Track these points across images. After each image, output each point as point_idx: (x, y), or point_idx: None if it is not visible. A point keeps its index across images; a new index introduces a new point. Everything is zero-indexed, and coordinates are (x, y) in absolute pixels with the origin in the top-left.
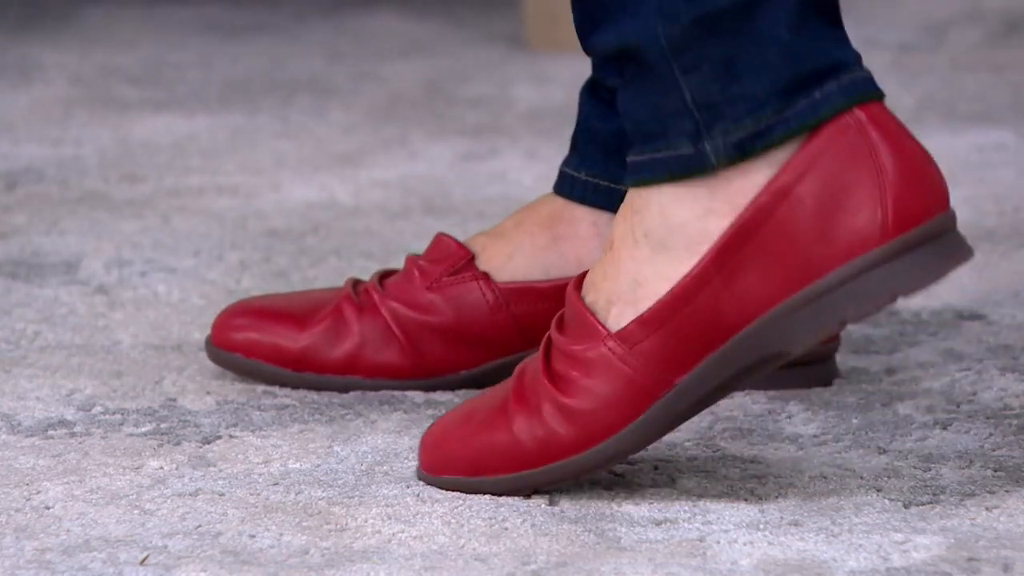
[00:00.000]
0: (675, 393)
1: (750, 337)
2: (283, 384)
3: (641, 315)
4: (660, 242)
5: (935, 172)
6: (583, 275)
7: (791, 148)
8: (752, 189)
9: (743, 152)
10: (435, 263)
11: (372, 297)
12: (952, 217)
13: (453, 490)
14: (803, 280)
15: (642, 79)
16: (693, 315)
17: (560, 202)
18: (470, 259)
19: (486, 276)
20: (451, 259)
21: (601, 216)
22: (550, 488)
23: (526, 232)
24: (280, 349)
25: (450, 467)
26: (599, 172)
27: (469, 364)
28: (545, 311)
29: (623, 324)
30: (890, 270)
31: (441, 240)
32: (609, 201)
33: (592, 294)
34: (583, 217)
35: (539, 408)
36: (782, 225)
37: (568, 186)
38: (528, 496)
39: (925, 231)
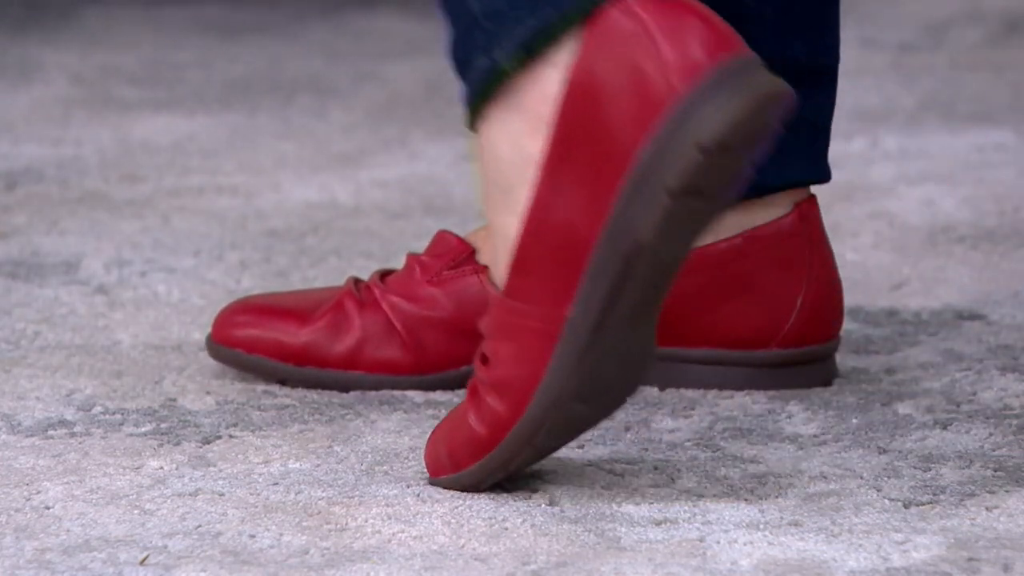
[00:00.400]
0: (570, 326)
1: (603, 243)
2: (284, 380)
3: (511, 264)
4: (502, 185)
5: (702, 19)
6: None
7: (574, 47)
8: (552, 97)
9: (529, 51)
10: (436, 258)
11: (373, 292)
12: (746, 57)
13: (449, 488)
14: (623, 166)
15: (441, 6)
16: (550, 243)
17: None
18: (470, 253)
19: (487, 269)
20: (451, 253)
21: None
22: (516, 468)
23: None
24: (282, 344)
25: (440, 468)
26: None
27: (470, 358)
28: None
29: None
30: (684, 119)
31: (442, 236)
32: None
33: (491, 266)
34: None
35: (480, 393)
36: (590, 123)
37: None
38: (530, 496)
39: (720, 72)
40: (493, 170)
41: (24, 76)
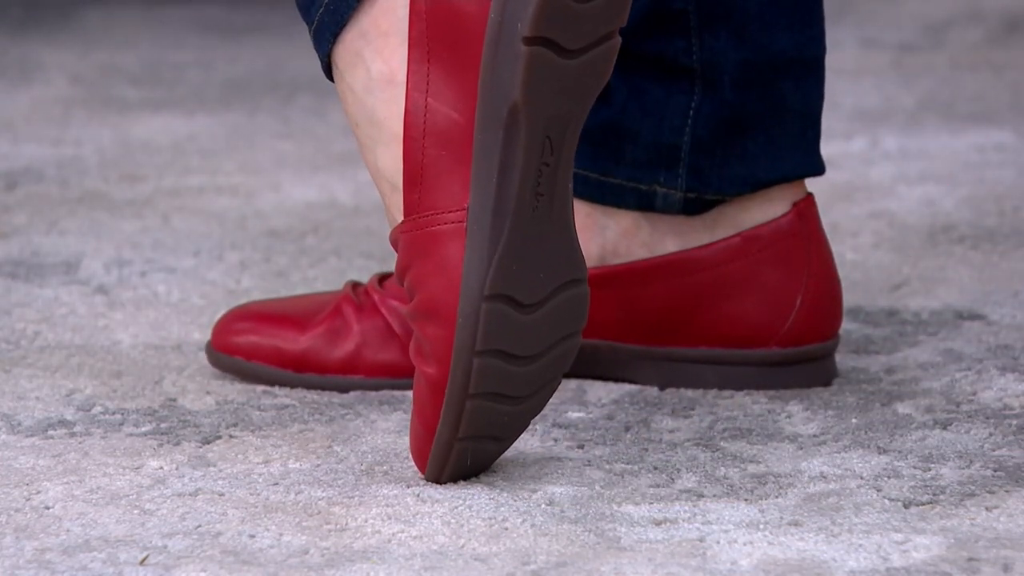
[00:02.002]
0: (471, 214)
1: (480, 120)
2: (284, 386)
3: (403, 184)
4: (368, 116)
5: None
6: None
7: None
8: (392, 9)
9: None
10: None
11: (372, 297)
12: None
13: (437, 471)
14: (479, 35)
15: None
16: (434, 142)
17: None
18: None
19: None
20: None
21: (594, 208)
22: (476, 389)
23: None
24: (281, 351)
25: (420, 448)
26: (587, 165)
27: None
28: None
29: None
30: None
31: None
32: (599, 193)
33: (389, 221)
34: (576, 209)
35: (417, 340)
36: (440, 11)
37: None
38: (530, 496)
39: None
40: (357, 108)
41: (24, 76)
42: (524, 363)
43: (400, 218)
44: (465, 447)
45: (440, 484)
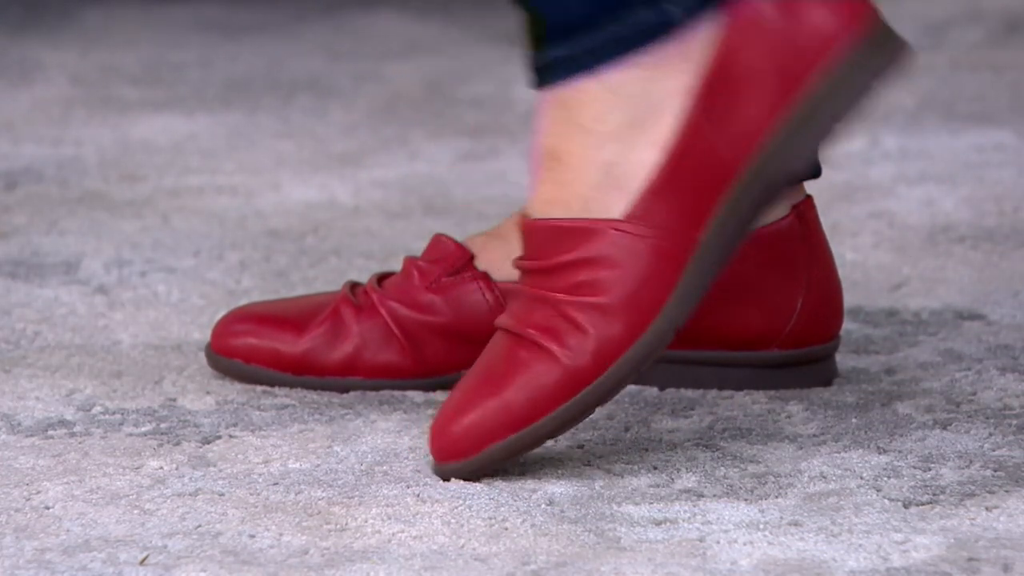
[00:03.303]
0: (702, 248)
1: (754, 169)
2: (284, 387)
3: (644, 188)
4: (620, 120)
5: None
6: (524, 214)
7: None
8: (702, 36)
9: (704, 4)
10: (434, 263)
11: (371, 297)
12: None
13: (498, 459)
14: (786, 96)
15: None
16: (694, 167)
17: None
18: (469, 259)
19: (485, 276)
20: (450, 259)
21: None
22: (609, 398)
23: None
24: (280, 354)
25: (488, 436)
26: None
27: (469, 364)
28: None
29: (621, 208)
30: (860, 59)
31: (440, 240)
32: None
33: (556, 210)
34: None
35: (573, 325)
36: (751, 54)
37: None
38: (530, 496)
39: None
40: (609, 107)
41: (24, 76)
42: None
43: (558, 196)
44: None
45: (472, 474)
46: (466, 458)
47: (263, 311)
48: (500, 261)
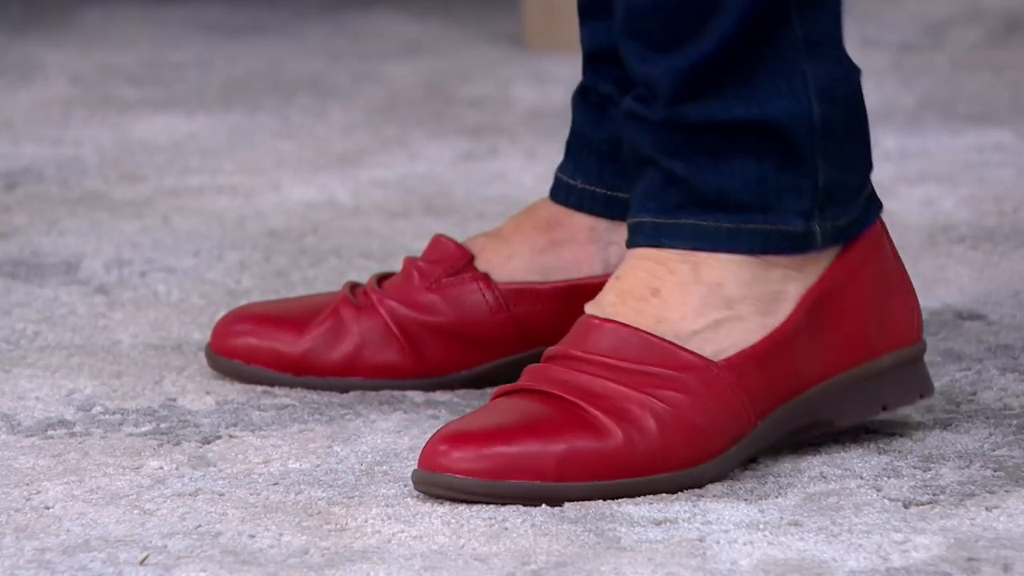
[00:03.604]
0: (756, 432)
1: (813, 397)
2: (284, 387)
3: (745, 351)
4: (736, 295)
5: None
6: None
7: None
8: (824, 262)
9: (844, 239)
10: (434, 264)
11: (370, 298)
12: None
13: (519, 497)
14: (862, 356)
15: (769, 154)
16: (784, 362)
17: (557, 207)
18: (469, 260)
19: (486, 277)
20: (450, 260)
21: (599, 223)
22: (635, 495)
23: (524, 235)
24: (279, 354)
25: (514, 471)
26: (594, 180)
27: (469, 364)
28: (544, 312)
29: (714, 355)
30: (920, 369)
31: (439, 241)
32: (606, 208)
33: (651, 326)
34: (581, 223)
35: (645, 414)
36: (850, 300)
37: (564, 193)
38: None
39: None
40: (731, 281)
41: (24, 76)
42: None
43: (658, 318)
44: None
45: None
46: (492, 479)
47: (263, 311)
48: (501, 262)
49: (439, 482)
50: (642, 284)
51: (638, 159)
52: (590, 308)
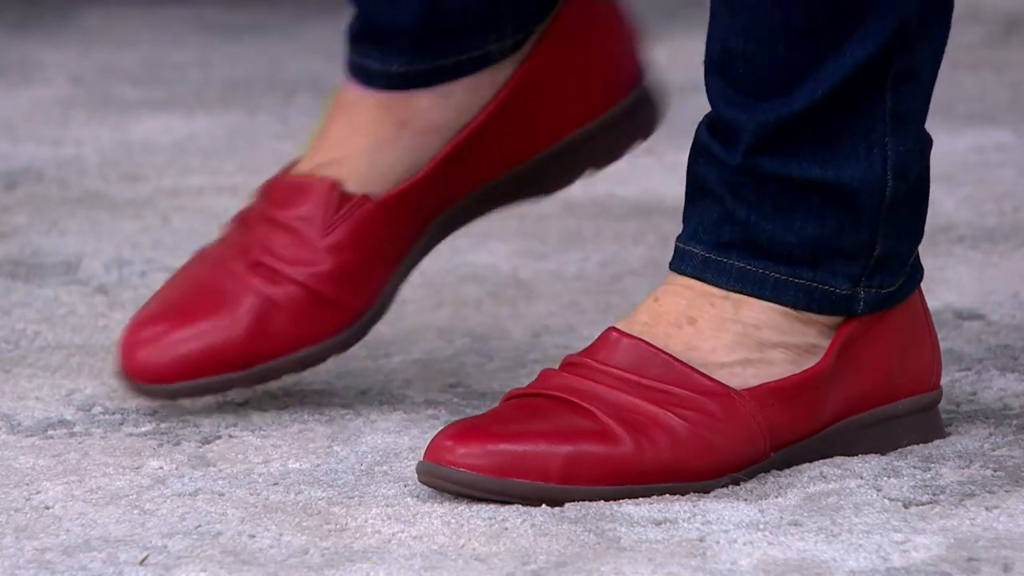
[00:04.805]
0: (769, 462)
1: (829, 436)
2: (234, 385)
3: (769, 384)
4: (770, 341)
5: None
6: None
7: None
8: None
9: (886, 305)
10: (315, 209)
11: (276, 268)
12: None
13: (521, 497)
14: (881, 399)
15: (832, 217)
16: (808, 402)
17: (365, 93)
18: (341, 190)
19: (366, 198)
20: (324, 199)
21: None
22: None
23: (366, 134)
24: (222, 354)
25: (519, 470)
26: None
27: (384, 279)
28: (431, 197)
29: (740, 384)
30: (934, 416)
31: (300, 184)
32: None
33: (680, 352)
34: (416, 96)
35: (658, 426)
36: (879, 348)
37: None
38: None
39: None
40: (768, 325)
41: (24, 76)
42: None
43: (688, 346)
44: None
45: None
46: (492, 475)
47: (168, 307)
48: (367, 171)
49: (443, 475)
50: (679, 312)
51: (701, 188)
52: (621, 323)
